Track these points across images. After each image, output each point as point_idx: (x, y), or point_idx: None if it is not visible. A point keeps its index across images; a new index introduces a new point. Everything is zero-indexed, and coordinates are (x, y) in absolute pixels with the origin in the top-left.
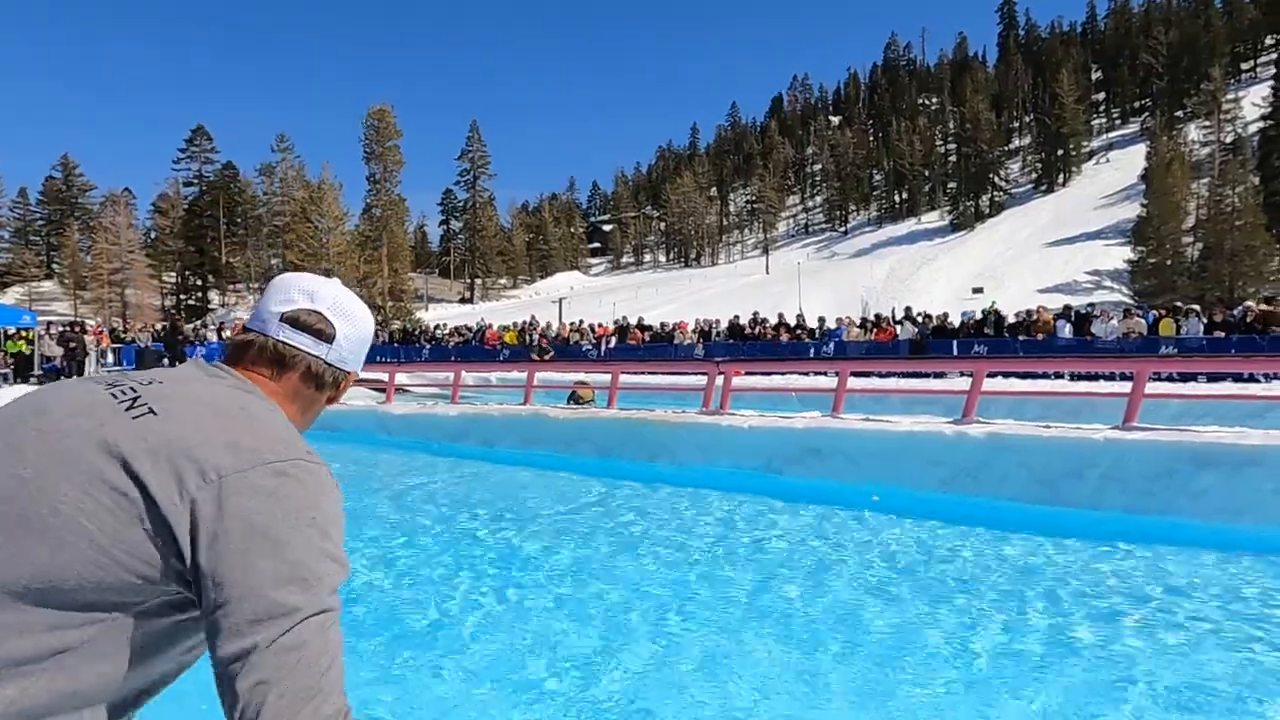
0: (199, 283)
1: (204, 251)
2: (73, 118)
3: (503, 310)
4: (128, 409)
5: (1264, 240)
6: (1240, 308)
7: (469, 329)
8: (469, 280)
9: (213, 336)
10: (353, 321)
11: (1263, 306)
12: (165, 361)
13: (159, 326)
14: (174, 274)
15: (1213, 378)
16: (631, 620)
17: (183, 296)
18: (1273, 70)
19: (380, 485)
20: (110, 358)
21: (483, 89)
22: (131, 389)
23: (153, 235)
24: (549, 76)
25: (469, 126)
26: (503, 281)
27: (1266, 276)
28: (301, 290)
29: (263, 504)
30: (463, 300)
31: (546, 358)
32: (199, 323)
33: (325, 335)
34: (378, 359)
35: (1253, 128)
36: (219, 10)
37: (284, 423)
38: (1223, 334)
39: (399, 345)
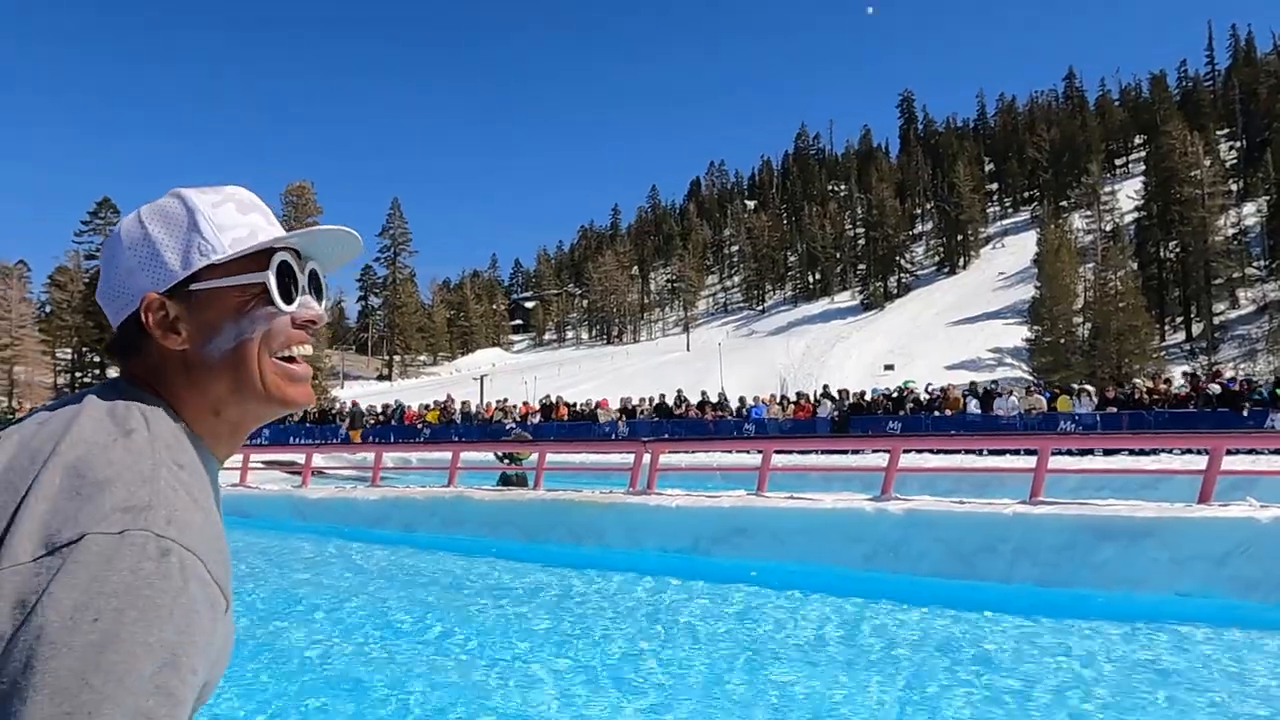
0: (97, 359)
1: (104, 327)
2: None
3: (423, 388)
4: None
5: (1144, 321)
6: (1130, 385)
7: (388, 407)
8: (387, 357)
9: None
10: (109, 245)
11: (1148, 384)
12: None
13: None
14: (70, 350)
15: (1108, 452)
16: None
17: (78, 374)
18: (1143, 166)
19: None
20: None
21: (405, 167)
22: None
23: (48, 310)
24: (472, 155)
25: (390, 203)
26: (423, 358)
27: (1150, 354)
28: None
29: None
30: (380, 377)
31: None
32: None
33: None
34: (291, 440)
35: (1129, 217)
36: (128, 86)
37: (102, 456)
38: (1115, 410)
39: (313, 425)
